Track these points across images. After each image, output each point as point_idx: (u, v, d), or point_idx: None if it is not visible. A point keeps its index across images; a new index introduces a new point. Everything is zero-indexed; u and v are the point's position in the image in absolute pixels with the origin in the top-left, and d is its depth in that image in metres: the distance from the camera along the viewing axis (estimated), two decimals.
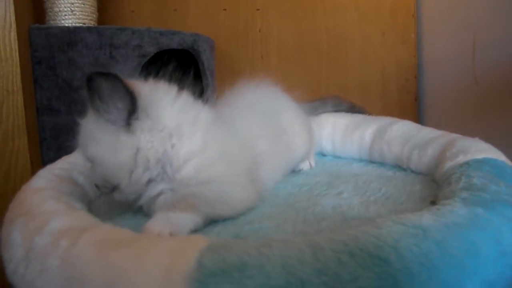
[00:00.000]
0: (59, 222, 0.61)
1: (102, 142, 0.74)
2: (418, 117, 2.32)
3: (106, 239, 0.56)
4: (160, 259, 0.50)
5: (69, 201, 0.73)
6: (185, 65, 1.93)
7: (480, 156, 0.82)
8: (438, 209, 0.59)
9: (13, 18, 1.49)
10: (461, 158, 0.83)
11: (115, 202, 0.81)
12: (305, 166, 1.10)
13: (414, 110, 2.32)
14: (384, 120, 1.14)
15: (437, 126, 2.17)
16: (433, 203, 0.71)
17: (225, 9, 2.17)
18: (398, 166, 1.04)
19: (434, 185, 0.87)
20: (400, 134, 1.05)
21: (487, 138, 1.77)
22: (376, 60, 2.29)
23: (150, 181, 0.76)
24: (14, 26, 1.49)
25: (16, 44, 1.49)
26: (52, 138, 1.63)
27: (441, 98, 2.23)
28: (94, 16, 1.77)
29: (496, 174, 0.74)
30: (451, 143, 0.91)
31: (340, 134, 1.19)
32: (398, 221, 0.54)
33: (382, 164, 1.09)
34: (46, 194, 0.73)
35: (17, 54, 1.49)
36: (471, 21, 1.92)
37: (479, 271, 0.52)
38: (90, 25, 1.72)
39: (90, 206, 0.86)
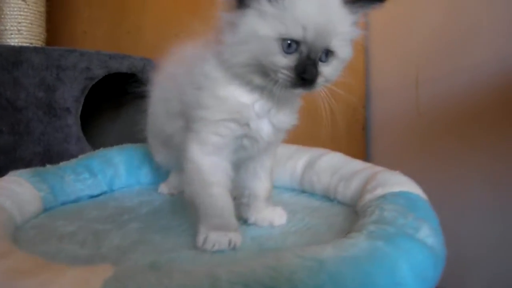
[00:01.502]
0: None
1: None
2: (365, 145, 2.39)
3: (16, 267, 0.57)
4: (64, 287, 0.51)
5: None
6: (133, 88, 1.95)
7: (396, 189, 0.87)
8: (343, 242, 0.63)
9: None
10: (379, 191, 0.88)
11: None
12: None
13: (361, 138, 2.39)
14: (316, 152, 1.18)
15: (383, 154, 2.26)
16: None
17: (176, 35, 2.20)
18: (327, 197, 1.09)
19: (356, 217, 0.91)
20: (329, 166, 1.10)
21: (429, 165, 1.85)
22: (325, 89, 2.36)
23: None
24: None
25: None
26: None
27: (388, 127, 2.31)
28: (42, 36, 1.77)
29: (408, 206, 0.79)
30: (373, 176, 0.95)
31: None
32: (298, 254, 0.58)
33: (312, 194, 1.13)
34: None
35: None
36: (414, 57, 2.02)
37: None
38: (37, 45, 1.72)
39: (16, 232, 0.86)
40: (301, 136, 2.29)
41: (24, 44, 1.69)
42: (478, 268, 1.65)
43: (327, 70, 0.80)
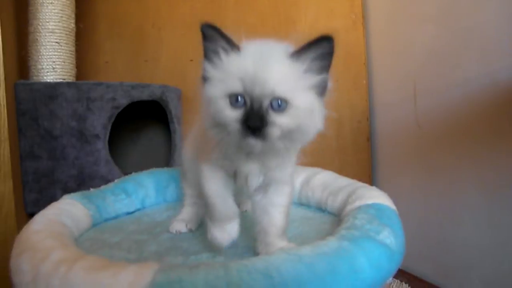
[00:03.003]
0: (57, 254, 0.92)
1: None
2: (370, 155, 2.67)
3: (92, 265, 0.87)
4: (128, 276, 0.81)
5: (61, 239, 1.04)
6: (154, 114, 2.26)
7: (370, 201, 1.16)
8: (318, 243, 0.93)
9: (2, 77, 1.78)
10: (357, 203, 1.17)
11: None
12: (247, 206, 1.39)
13: (367, 149, 2.66)
14: (311, 171, 1.48)
15: (387, 163, 2.53)
16: None
17: (191, 60, 2.51)
18: (320, 208, 1.38)
19: (340, 224, 1.20)
20: (321, 183, 1.40)
21: (429, 172, 2.09)
22: (331, 104, 2.64)
23: None
24: (3, 84, 1.78)
25: (5, 99, 1.78)
26: (33, 182, 1.92)
27: (390, 138, 2.56)
28: (73, 72, 2.08)
29: (376, 215, 1.08)
30: (354, 191, 1.25)
31: None
32: (285, 251, 0.87)
33: (308, 206, 1.43)
34: (44, 234, 1.03)
35: (5, 108, 1.78)
36: (411, 71, 2.27)
37: (335, 283, 0.84)
38: (69, 81, 2.03)
39: (75, 243, 1.16)
40: (311, 147, 2.56)
41: (58, 80, 1.99)
42: (476, 268, 1.86)
43: (283, 120, 0.86)
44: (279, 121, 0.85)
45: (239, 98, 0.86)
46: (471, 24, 1.84)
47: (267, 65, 0.85)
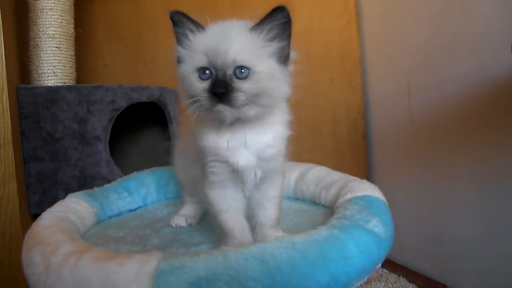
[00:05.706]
0: (67, 247, 1.00)
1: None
2: (366, 153, 2.74)
3: (99, 256, 0.95)
4: (134, 264, 0.89)
5: (69, 233, 1.12)
6: (153, 115, 2.33)
7: (360, 193, 1.23)
8: (310, 231, 1.00)
9: (5, 82, 1.85)
10: (348, 196, 1.24)
11: None
12: None
13: (363, 147, 2.73)
14: (305, 166, 1.56)
15: (383, 159, 2.61)
16: None
17: None
18: (313, 202, 1.46)
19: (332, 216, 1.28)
20: (315, 178, 1.47)
21: (422, 168, 2.15)
22: (326, 103, 2.71)
23: None
24: (6, 89, 1.85)
25: (8, 104, 1.85)
26: (37, 183, 1.99)
27: (386, 135, 2.63)
28: (73, 76, 2.14)
29: (366, 206, 1.15)
30: (346, 184, 1.32)
31: None
32: (279, 239, 0.95)
33: (303, 200, 1.51)
34: (53, 229, 1.11)
35: (9, 113, 1.85)
36: (405, 69, 2.34)
37: (326, 268, 0.92)
38: (70, 84, 2.10)
39: (82, 238, 1.24)
40: (307, 145, 2.63)
41: (59, 84, 2.06)
42: (470, 261, 1.93)
43: (247, 85, 0.95)
44: (243, 87, 0.95)
45: (206, 71, 0.96)
46: (462, 22, 1.91)
47: (227, 38, 0.96)
